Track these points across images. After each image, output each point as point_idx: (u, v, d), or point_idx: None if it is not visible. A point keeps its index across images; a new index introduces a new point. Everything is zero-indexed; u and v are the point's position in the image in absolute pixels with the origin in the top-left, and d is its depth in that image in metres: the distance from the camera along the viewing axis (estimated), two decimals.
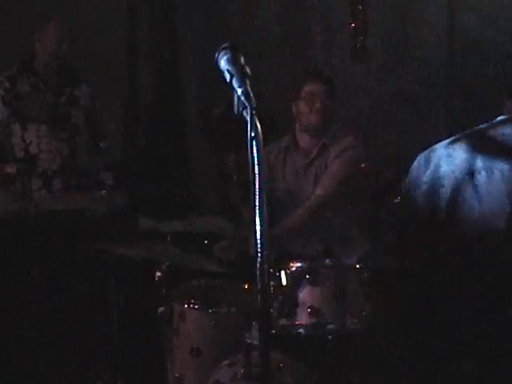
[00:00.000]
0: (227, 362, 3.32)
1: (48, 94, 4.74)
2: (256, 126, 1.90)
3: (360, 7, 5.48)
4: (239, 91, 1.96)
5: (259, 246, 1.92)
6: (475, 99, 5.62)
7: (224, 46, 2.07)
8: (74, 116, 4.78)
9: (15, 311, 4.29)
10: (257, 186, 1.86)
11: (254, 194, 1.87)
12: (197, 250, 3.94)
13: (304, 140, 4.37)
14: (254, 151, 1.88)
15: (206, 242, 4.31)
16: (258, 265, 1.94)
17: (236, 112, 1.94)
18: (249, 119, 1.90)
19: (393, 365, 3.47)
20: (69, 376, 4.19)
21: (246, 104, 1.93)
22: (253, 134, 1.87)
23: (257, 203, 1.88)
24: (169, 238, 3.65)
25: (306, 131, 4.35)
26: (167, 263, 3.63)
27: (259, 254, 1.94)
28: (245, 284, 3.66)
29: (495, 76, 5.64)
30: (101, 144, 4.11)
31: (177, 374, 3.57)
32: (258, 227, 1.91)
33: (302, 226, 4.15)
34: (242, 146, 1.89)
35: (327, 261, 3.41)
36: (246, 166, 2.42)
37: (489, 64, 5.69)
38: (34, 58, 4.72)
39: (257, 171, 1.86)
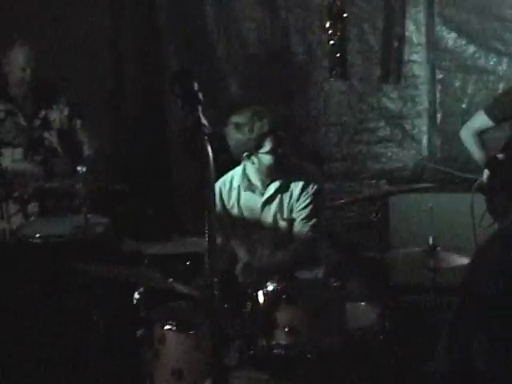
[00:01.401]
0: (208, 383, 3.30)
1: (22, 119, 4.76)
2: (207, 152, 1.89)
3: (339, 25, 5.53)
4: (190, 118, 1.95)
5: (209, 267, 1.93)
6: (458, 115, 5.67)
7: (177, 71, 2.06)
8: (48, 139, 4.79)
9: None
10: (207, 209, 1.86)
11: (205, 217, 1.87)
12: (179, 270, 3.93)
13: (257, 178, 4.16)
14: (204, 177, 1.86)
15: (188, 262, 4.28)
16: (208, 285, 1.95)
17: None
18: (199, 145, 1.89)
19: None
20: None
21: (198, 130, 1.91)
22: (203, 161, 1.86)
23: (207, 225, 1.88)
24: (146, 260, 3.63)
25: (259, 170, 4.11)
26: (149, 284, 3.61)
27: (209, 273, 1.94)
28: (225, 305, 3.65)
29: (477, 91, 5.69)
30: (78, 168, 4.09)
31: None
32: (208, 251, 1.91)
33: (285, 267, 4.00)
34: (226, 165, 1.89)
35: (303, 280, 3.40)
36: None
37: (470, 79, 5.74)
38: (8, 83, 4.74)
39: (206, 196, 1.86)
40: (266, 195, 4.15)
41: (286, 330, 3.25)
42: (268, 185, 4.14)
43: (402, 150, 5.87)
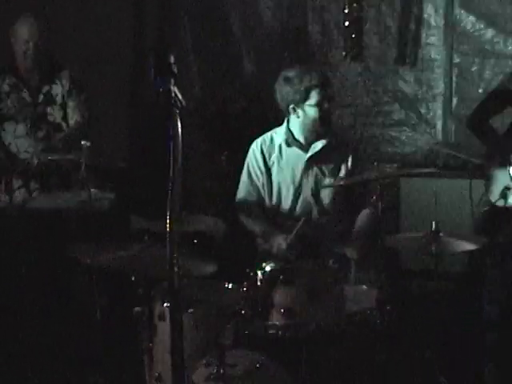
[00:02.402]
0: (204, 361, 3.30)
1: (26, 94, 4.74)
2: (176, 125, 1.87)
3: (355, 5, 5.48)
4: (161, 90, 1.93)
5: (170, 247, 1.90)
6: (474, 99, 5.59)
7: (155, 42, 2.04)
8: (51, 114, 4.78)
9: None
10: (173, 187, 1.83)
11: (169, 195, 1.84)
12: (186, 249, 3.91)
13: (300, 133, 4.27)
14: (172, 151, 1.84)
15: (195, 241, 4.27)
16: (169, 265, 1.92)
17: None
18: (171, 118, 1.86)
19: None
20: (51, 376, 4.19)
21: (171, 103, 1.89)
22: (171, 133, 1.84)
23: (170, 203, 1.86)
24: (146, 237, 3.60)
25: (303, 124, 4.23)
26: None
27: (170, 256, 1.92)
28: (228, 284, 3.64)
29: (494, 75, 5.62)
30: (82, 142, 4.06)
31: (156, 373, 3.56)
32: (168, 227, 1.88)
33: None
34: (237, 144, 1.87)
35: (301, 261, 3.38)
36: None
37: (487, 63, 5.66)
38: (15, 58, 4.72)
39: (172, 172, 1.83)
40: (311, 152, 4.25)
41: (282, 310, 3.24)
42: (312, 142, 4.25)
43: (415, 134, 5.84)
